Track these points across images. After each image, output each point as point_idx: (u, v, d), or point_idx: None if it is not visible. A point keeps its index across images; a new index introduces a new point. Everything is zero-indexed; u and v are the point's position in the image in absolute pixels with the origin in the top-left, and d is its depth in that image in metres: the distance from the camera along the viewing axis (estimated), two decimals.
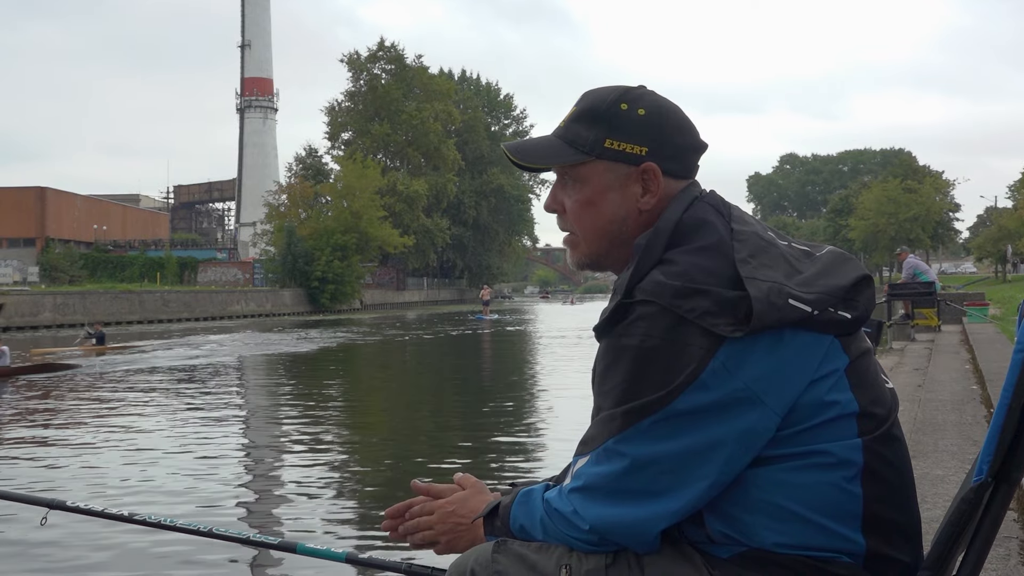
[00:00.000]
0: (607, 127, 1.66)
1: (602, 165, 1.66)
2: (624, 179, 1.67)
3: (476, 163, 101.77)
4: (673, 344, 1.48)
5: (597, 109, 1.67)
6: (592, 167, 1.67)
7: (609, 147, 1.65)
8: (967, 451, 5.21)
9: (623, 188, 1.67)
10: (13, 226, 74.55)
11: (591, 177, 1.68)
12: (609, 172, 1.67)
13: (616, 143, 1.65)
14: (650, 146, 1.66)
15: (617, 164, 1.66)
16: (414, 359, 26.24)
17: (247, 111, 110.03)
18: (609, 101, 1.67)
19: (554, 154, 1.69)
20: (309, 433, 11.93)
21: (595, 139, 1.66)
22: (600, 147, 1.66)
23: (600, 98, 1.68)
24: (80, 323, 43.11)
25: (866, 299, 1.57)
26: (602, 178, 1.67)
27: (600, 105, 1.67)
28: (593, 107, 1.68)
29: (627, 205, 1.67)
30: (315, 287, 65.69)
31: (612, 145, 1.65)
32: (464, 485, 1.91)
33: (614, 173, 1.67)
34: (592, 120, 1.67)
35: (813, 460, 1.50)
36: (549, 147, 1.70)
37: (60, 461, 9.75)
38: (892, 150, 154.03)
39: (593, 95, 1.71)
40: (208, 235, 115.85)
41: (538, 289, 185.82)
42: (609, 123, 1.66)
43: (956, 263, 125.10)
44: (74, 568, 6.10)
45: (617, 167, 1.66)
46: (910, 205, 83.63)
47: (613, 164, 1.66)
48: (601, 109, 1.67)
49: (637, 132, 1.66)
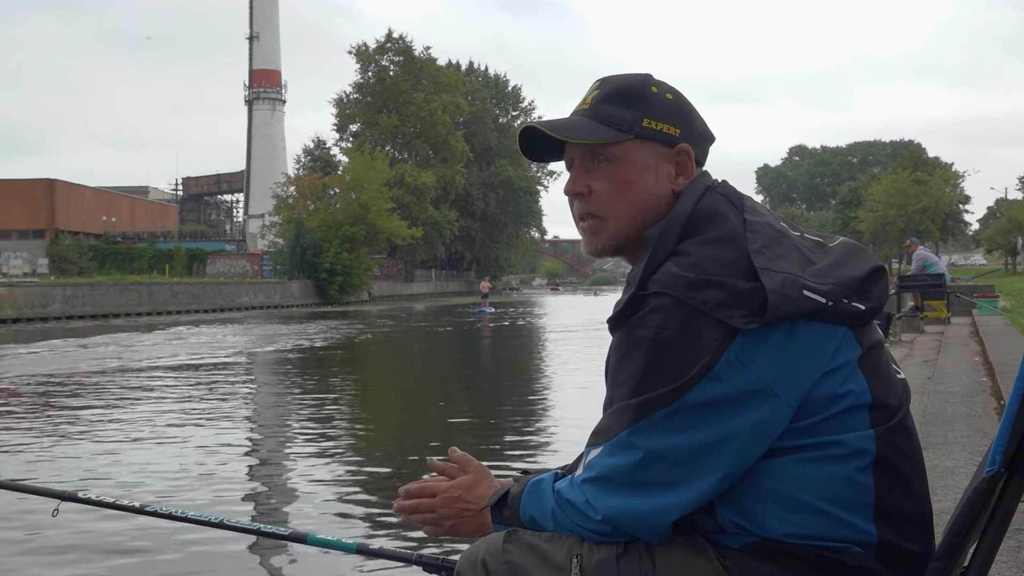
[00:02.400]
0: (644, 107, 1.66)
1: (639, 144, 1.66)
2: (660, 159, 1.67)
3: (484, 155, 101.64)
4: (687, 336, 1.48)
5: (632, 90, 1.67)
6: (629, 146, 1.66)
7: (647, 126, 1.66)
8: (977, 443, 5.21)
9: (658, 168, 1.67)
10: (23, 218, 74.71)
11: (628, 156, 1.67)
12: (646, 151, 1.67)
13: (654, 123, 1.66)
14: (683, 128, 1.67)
15: (654, 144, 1.67)
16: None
17: (255, 103, 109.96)
18: (640, 83, 1.68)
19: (590, 132, 1.67)
20: (318, 424, 11.94)
21: (633, 118, 1.66)
22: (639, 126, 1.66)
23: (630, 81, 1.69)
24: (89, 314, 43.17)
25: (880, 290, 1.57)
26: (639, 157, 1.67)
27: (633, 87, 1.68)
28: (627, 88, 1.68)
29: (662, 185, 1.67)
30: (323, 279, 65.67)
31: (650, 124, 1.66)
32: (467, 468, 1.89)
33: (651, 152, 1.67)
34: (628, 100, 1.67)
35: (826, 451, 1.50)
36: (583, 125, 1.68)
37: (70, 454, 9.78)
38: (901, 142, 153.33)
39: (619, 79, 1.71)
40: (217, 227, 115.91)
41: (547, 281, 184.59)
42: (646, 103, 1.66)
43: (966, 255, 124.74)
44: (86, 559, 6.12)
45: (654, 147, 1.67)
46: (919, 197, 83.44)
47: (650, 143, 1.66)
48: (635, 90, 1.67)
49: (671, 114, 1.67)
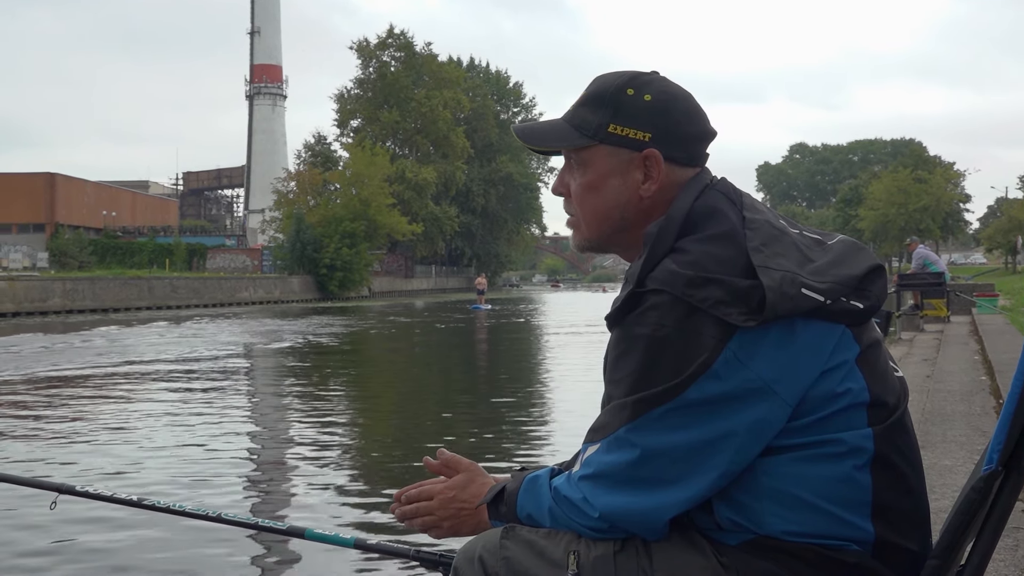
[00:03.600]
0: (612, 112, 1.66)
1: (605, 150, 1.67)
2: (626, 164, 1.67)
3: (485, 151, 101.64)
4: (685, 333, 1.48)
5: (603, 94, 1.67)
6: (595, 151, 1.67)
7: (612, 132, 1.65)
8: (976, 441, 5.20)
9: (624, 174, 1.67)
10: (23, 212, 74.74)
11: (594, 161, 1.68)
12: (612, 157, 1.67)
13: (620, 128, 1.65)
14: (654, 132, 1.65)
15: (620, 149, 1.66)
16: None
17: (256, 98, 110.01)
18: (616, 86, 1.67)
19: (559, 137, 1.71)
20: (316, 419, 11.95)
21: (599, 123, 1.66)
22: (604, 132, 1.66)
23: (608, 83, 1.68)
24: (90, 308, 43.19)
25: (878, 289, 1.56)
26: (604, 163, 1.67)
27: (607, 90, 1.67)
28: (600, 92, 1.68)
29: (628, 191, 1.67)
30: (324, 274, 65.74)
31: (615, 130, 1.65)
32: (458, 468, 1.89)
33: (616, 158, 1.66)
34: (597, 104, 1.67)
35: (824, 449, 1.50)
36: (554, 130, 1.72)
37: (66, 448, 9.78)
38: (902, 140, 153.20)
39: (602, 80, 1.71)
40: (217, 222, 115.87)
41: (547, 277, 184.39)
42: (614, 108, 1.66)
43: (966, 254, 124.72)
44: (83, 553, 6.12)
45: (620, 152, 1.66)
46: (920, 195, 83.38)
47: (616, 149, 1.66)
48: (607, 94, 1.67)
49: (642, 118, 1.65)
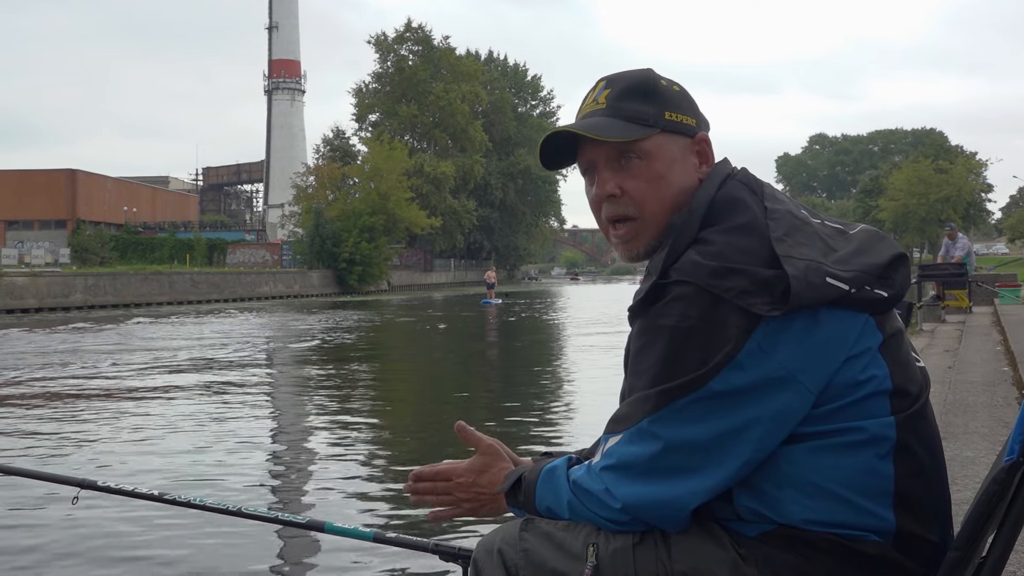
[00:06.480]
0: (664, 100, 1.67)
1: (665, 137, 1.67)
2: (684, 150, 1.68)
3: (503, 144, 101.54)
4: (710, 324, 1.47)
5: (648, 85, 1.68)
6: (656, 140, 1.66)
7: (670, 119, 1.67)
8: (998, 433, 5.17)
9: (684, 159, 1.68)
10: (44, 208, 75.32)
11: (657, 150, 1.66)
12: (672, 144, 1.67)
13: (675, 115, 1.67)
14: (696, 118, 1.70)
15: (677, 136, 1.68)
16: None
17: (275, 93, 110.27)
18: (652, 78, 1.69)
19: (623, 130, 1.65)
20: (335, 413, 11.98)
21: (656, 112, 1.66)
22: (663, 119, 1.66)
23: (641, 76, 1.70)
24: (111, 304, 43.48)
25: (902, 277, 1.56)
26: (667, 150, 1.67)
27: (648, 81, 1.69)
28: (642, 84, 1.68)
29: (690, 176, 1.68)
30: (343, 268, 65.90)
31: (672, 117, 1.67)
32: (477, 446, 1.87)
33: (676, 144, 1.68)
34: (647, 95, 1.67)
35: (846, 438, 1.49)
36: (612, 124, 1.66)
37: (86, 444, 9.83)
38: (923, 130, 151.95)
39: (627, 76, 1.71)
40: (237, 217, 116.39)
41: (565, 271, 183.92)
42: (665, 97, 1.67)
43: (988, 244, 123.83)
44: (105, 547, 6.15)
45: (677, 139, 1.68)
46: (941, 186, 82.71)
47: (674, 136, 1.67)
48: (652, 85, 1.68)
49: (684, 105, 1.69)
